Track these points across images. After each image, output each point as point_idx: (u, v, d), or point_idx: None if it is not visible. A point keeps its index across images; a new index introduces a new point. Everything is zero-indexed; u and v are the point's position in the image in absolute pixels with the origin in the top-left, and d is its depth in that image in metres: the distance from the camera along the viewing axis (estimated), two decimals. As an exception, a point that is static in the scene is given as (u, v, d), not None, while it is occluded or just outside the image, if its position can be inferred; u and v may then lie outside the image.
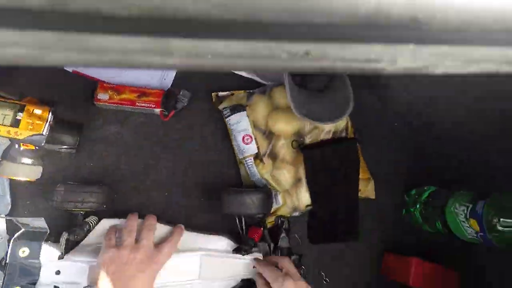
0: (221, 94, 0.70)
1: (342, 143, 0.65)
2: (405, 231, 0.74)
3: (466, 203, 0.54)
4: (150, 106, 0.66)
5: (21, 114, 0.50)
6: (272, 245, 0.63)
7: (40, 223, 0.56)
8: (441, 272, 0.63)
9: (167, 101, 0.67)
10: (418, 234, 0.72)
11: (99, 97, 0.66)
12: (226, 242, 0.60)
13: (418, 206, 0.69)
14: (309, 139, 0.65)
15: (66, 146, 0.66)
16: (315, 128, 0.66)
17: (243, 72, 0.69)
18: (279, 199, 0.64)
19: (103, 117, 0.69)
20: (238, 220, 0.62)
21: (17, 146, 0.53)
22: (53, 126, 0.59)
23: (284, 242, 0.63)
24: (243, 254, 0.58)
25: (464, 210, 0.53)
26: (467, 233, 0.54)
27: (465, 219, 0.53)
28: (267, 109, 0.66)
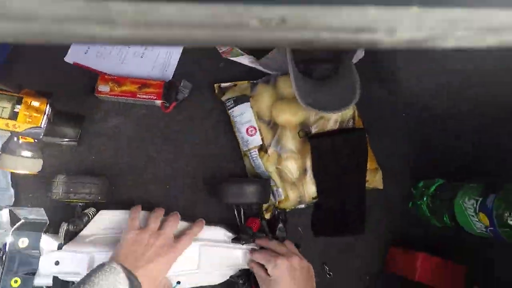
0: (223, 85, 0.68)
1: (352, 133, 0.63)
2: (411, 224, 0.72)
3: (476, 197, 0.52)
4: (151, 97, 0.65)
5: (19, 106, 0.50)
6: (270, 236, 0.62)
7: (39, 214, 0.56)
8: (448, 266, 0.62)
9: (168, 92, 0.66)
10: (425, 227, 0.71)
11: (100, 89, 0.64)
12: (224, 232, 0.60)
13: (425, 199, 0.67)
14: (315, 130, 0.64)
15: (67, 139, 0.65)
16: (321, 118, 0.64)
17: (246, 61, 0.68)
18: (281, 192, 0.63)
19: (105, 109, 0.68)
20: (236, 210, 0.62)
21: (16, 139, 0.53)
22: (53, 119, 0.59)
23: (281, 233, 0.62)
24: (242, 244, 0.58)
25: (473, 203, 0.52)
26: (476, 227, 0.53)
27: (474, 213, 0.52)
28: (272, 99, 0.64)
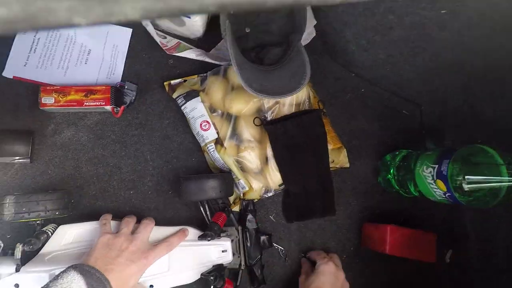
0: (173, 82, 0.66)
1: (304, 115, 0.62)
2: (383, 198, 0.72)
3: (432, 164, 0.52)
4: (100, 104, 0.62)
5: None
6: (240, 228, 0.61)
7: None
8: (418, 236, 0.62)
9: (117, 96, 0.63)
10: (395, 199, 0.71)
11: (44, 101, 0.62)
12: (192, 231, 0.59)
13: (392, 171, 0.67)
14: (271, 116, 0.62)
15: (18, 157, 0.63)
16: (276, 103, 0.63)
17: (193, 55, 0.65)
18: (243, 184, 0.62)
19: (54, 122, 0.66)
20: (202, 206, 0.60)
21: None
22: (0, 138, 0.56)
23: (251, 224, 0.62)
24: (209, 240, 0.57)
25: (431, 171, 0.51)
26: (436, 194, 0.52)
27: (432, 181, 0.51)
28: (223, 90, 0.63)
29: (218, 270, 0.59)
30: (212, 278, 0.57)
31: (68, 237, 0.56)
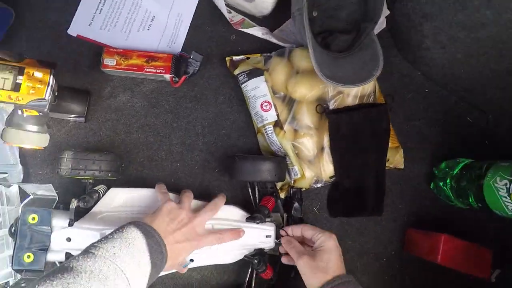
0: (236, 58, 0.64)
1: (372, 108, 0.59)
2: (432, 205, 0.69)
3: (508, 176, 0.48)
4: (160, 71, 0.61)
5: (20, 77, 0.47)
6: (285, 215, 0.60)
7: (48, 190, 0.54)
8: (473, 250, 0.59)
9: (177, 66, 0.62)
10: (447, 208, 0.68)
11: (106, 62, 0.61)
12: (237, 211, 0.58)
13: (448, 180, 0.63)
14: (333, 105, 0.60)
15: (74, 115, 0.63)
16: (340, 93, 0.60)
17: (259, 33, 0.63)
18: (297, 171, 0.60)
19: (111, 85, 0.66)
20: (251, 188, 0.59)
21: (20, 112, 0.50)
22: (58, 94, 0.56)
23: (297, 212, 0.60)
24: (257, 223, 0.56)
25: (506, 184, 0.48)
26: (508, 209, 0.49)
27: (507, 194, 0.48)
28: (286, 73, 0.61)
29: (261, 254, 0.58)
30: (256, 261, 0.56)
31: (118, 200, 0.56)
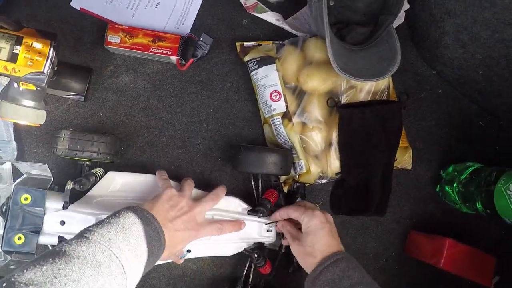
0: (246, 44, 0.61)
1: (385, 105, 0.57)
2: (438, 209, 0.68)
3: (524, 184, 0.47)
4: (166, 53, 0.59)
5: (18, 47, 0.44)
6: None
7: (43, 170, 0.52)
8: (476, 256, 0.58)
9: (185, 48, 0.59)
10: (451, 212, 0.67)
11: (110, 39, 0.58)
12: (238, 203, 0.56)
13: (456, 184, 0.62)
14: (345, 100, 0.58)
15: (73, 93, 0.60)
16: (352, 87, 0.58)
17: (273, 19, 0.60)
18: (303, 165, 0.58)
19: (114, 64, 0.62)
20: (254, 180, 0.57)
21: (16, 85, 0.47)
22: (58, 70, 0.53)
23: None
24: (259, 216, 0.54)
25: (520, 191, 0.47)
26: (520, 217, 0.48)
27: (520, 202, 0.47)
28: (298, 63, 0.58)
29: (261, 248, 0.56)
30: (256, 255, 0.54)
31: (115, 184, 0.54)
